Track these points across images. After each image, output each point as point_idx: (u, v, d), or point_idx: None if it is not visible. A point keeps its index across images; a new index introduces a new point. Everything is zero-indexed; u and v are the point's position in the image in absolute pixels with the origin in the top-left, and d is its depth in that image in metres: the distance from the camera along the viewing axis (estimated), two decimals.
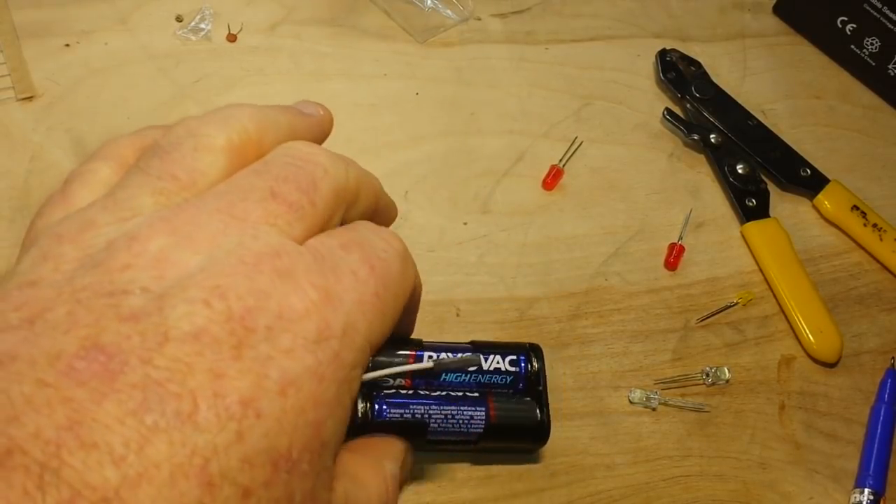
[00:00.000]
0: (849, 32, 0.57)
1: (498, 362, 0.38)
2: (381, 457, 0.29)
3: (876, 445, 0.44)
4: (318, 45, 0.51)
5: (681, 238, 0.49)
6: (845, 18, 0.57)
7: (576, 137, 0.51)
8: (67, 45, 0.48)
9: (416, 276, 0.28)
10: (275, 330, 0.22)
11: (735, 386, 0.45)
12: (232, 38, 0.50)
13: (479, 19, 0.55)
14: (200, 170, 0.24)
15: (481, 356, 0.36)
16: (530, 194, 0.49)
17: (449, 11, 0.54)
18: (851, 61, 0.58)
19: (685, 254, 0.48)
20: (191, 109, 0.47)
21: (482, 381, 0.38)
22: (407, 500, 0.38)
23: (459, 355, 0.35)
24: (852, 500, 0.43)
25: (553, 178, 0.49)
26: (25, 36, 0.47)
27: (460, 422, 0.37)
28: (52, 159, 0.45)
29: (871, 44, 0.57)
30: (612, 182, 0.50)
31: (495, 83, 0.52)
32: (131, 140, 0.27)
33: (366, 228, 0.27)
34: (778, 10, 0.60)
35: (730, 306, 0.47)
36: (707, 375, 0.44)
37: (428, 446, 0.38)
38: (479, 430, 0.37)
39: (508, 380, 0.38)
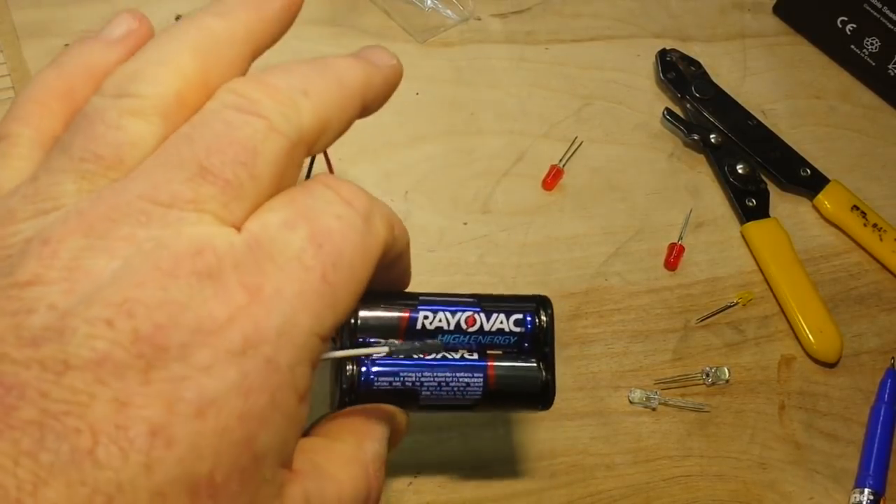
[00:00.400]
0: (849, 32, 0.57)
1: (501, 322, 0.34)
2: (361, 439, 0.27)
3: (876, 445, 0.44)
4: (318, 45, 0.51)
5: (681, 238, 0.49)
6: (845, 18, 0.57)
7: (576, 137, 0.51)
8: (67, 45, 0.48)
9: (394, 228, 0.25)
10: (190, 346, 0.20)
11: (735, 386, 0.45)
12: None
13: (479, 19, 0.55)
14: (129, 142, 0.22)
15: (442, 342, 0.32)
16: (530, 194, 0.49)
17: (449, 11, 0.54)
18: (851, 61, 0.58)
19: (685, 254, 0.48)
20: None
21: (482, 342, 0.34)
22: (407, 500, 0.38)
23: (419, 343, 0.31)
24: (852, 500, 0.43)
25: (553, 178, 0.49)
26: (25, 36, 0.47)
27: (455, 389, 0.34)
28: None
29: (871, 44, 0.57)
30: (612, 182, 0.50)
31: (495, 83, 0.52)
32: (55, 84, 0.24)
33: (319, 187, 0.23)
34: (778, 10, 0.60)
35: (730, 306, 0.47)
36: (707, 375, 0.44)
37: (419, 411, 0.34)
38: (476, 397, 0.34)
39: (512, 340, 0.34)
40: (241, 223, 0.22)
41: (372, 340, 0.34)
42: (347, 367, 0.33)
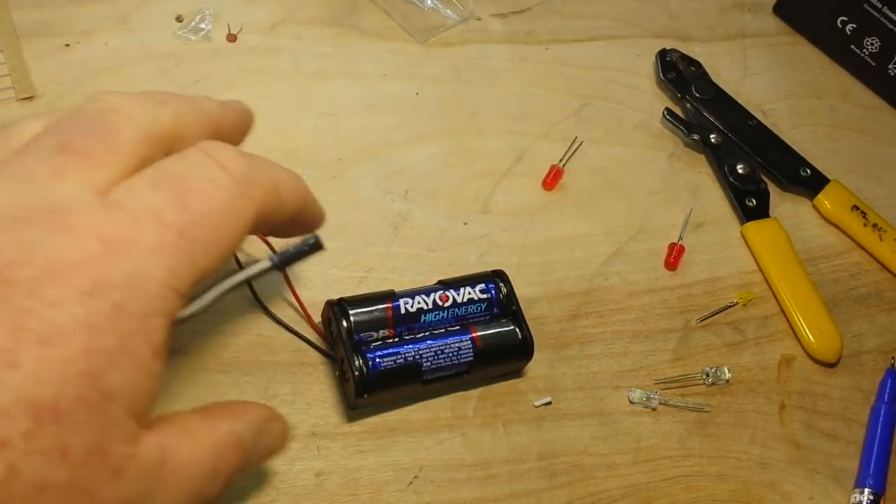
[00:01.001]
0: (849, 32, 0.57)
1: (469, 293, 0.41)
2: (224, 416, 0.28)
3: (876, 445, 0.44)
4: (318, 45, 0.51)
5: (681, 238, 0.49)
6: (845, 18, 0.57)
7: (576, 137, 0.51)
8: (67, 45, 0.48)
9: (279, 192, 0.27)
10: (40, 281, 0.21)
11: (735, 386, 0.45)
12: (232, 38, 0.50)
13: (479, 19, 0.55)
14: (20, 132, 0.25)
15: (320, 238, 0.32)
16: (530, 194, 0.49)
17: (449, 11, 0.54)
18: (851, 61, 0.58)
19: (685, 254, 0.48)
20: None
21: (459, 314, 0.40)
22: (407, 500, 0.38)
23: (299, 240, 0.32)
24: (852, 500, 0.43)
25: (553, 178, 0.49)
26: (25, 36, 0.47)
27: (450, 354, 0.39)
28: None
29: (871, 44, 0.57)
30: (612, 182, 0.50)
31: (495, 83, 0.52)
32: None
33: (196, 153, 0.26)
34: (778, 10, 0.60)
35: (730, 306, 0.47)
36: (707, 375, 0.44)
37: (425, 389, 0.40)
38: (469, 359, 0.39)
39: (483, 307, 0.41)
40: (105, 187, 0.24)
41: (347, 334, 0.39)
42: (354, 361, 0.37)
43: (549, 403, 0.42)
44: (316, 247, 0.32)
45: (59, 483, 0.21)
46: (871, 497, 0.42)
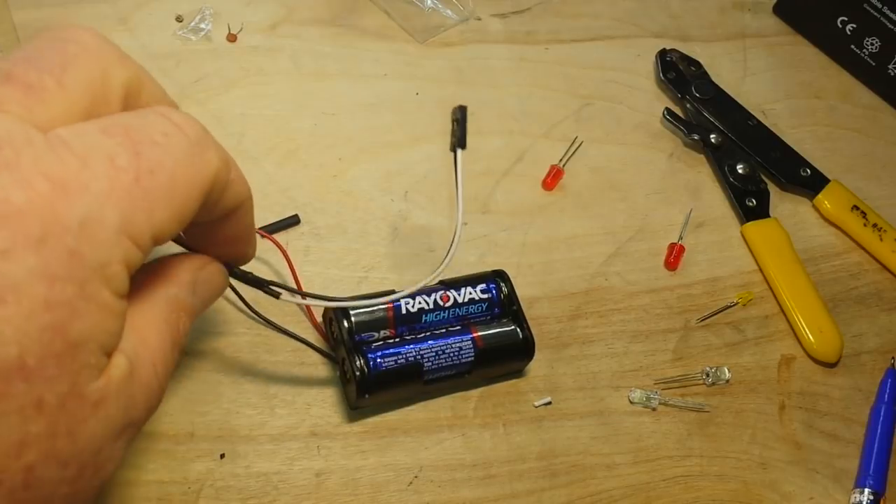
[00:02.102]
0: (849, 32, 0.57)
1: (470, 292, 0.41)
2: (158, 287, 0.27)
3: (876, 445, 0.44)
4: (318, 45, 0.51)
5: (681, 238, 0.49)
6: (845, 18, 0.57)
7: (576, 137, 0.51)
8: None
9: (230, 169, 0.26)
10: None
11: (735, 386, 0.45)
12: (232, 38, 0.50)
13: (479, 19, 0.55)
14: None
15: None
16: (530, 194, 0.49)
17: (449, 11, 0.54)
18: (851, 61, 0.58)
19: (685, 254, 0.48)
20: (191, 109, 0.47)
21: (460, 314, 0.40)
22: (407, 500, 0.38)
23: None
24: (852, 500, 0.43)
25: (553, 178, 0.49)
26: (25, 36, 0.47)
27: (451, 354, 0.39)
28: None
29: (871, 44, 0.57)
30: (612, 182, 0.50)
31: (495, 83, 0.52)
32: None
33: (151, 112, 0.24)
34: (778, 10, 0.60)
35: (730, 306, 0.47)
36: (707, 375, 0.44)
37: (426, 389, 0.40)
38: (470, 359, 0.39)
39: (484, 307, 0.41)
40: (49, 126, 0.22)
41: (363, 336, 0.39)
42: (355, 361, 0.37)
43: (549, 403, 0.42)
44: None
45: (40, 434, 0.21)
46: (871, 497, 0.42)
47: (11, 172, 0.20)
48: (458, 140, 0.37)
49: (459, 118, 0.37)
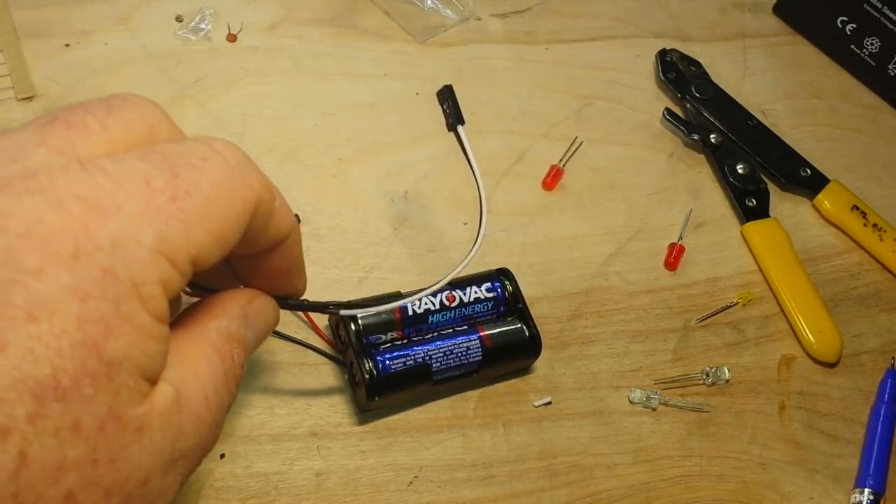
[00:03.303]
0: (849, 32, 0.57)
1: (476, 292, 0.41)
2: (209, 321, 0.27)
3: (876, 445, 0.44)
4: (318, 45, 0.51)
5: (681, 238, 0.49)
6: (845, 18, 0.57)
7: (576, 137, 0.51)
8: (67, 45, 0.48)
9: (275, 197, 0.26)
10: (18, 251, 0.20)
11: (735, 386, 0.45)
12: (232, 38, 0.50)
13: (479, 19, 0.55)
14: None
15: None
16: (530, 194, 0.49)
17: (449, 11, 0.54)
18: (851, 61, 0.58)
19: (685, 254, 0.48)
20: (191, 109, 0.47)
21: (466, 313, 0.40)
22: (407, 500, 0.38)
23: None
24: (852, 500, 0.43)
25: (553, 178, 0.49)
26: (25, 36, 0.47)
27: (459, 354, 0.39)
28: None
29: (871, 44, 0.57)
30: (612, 182, 0.50)
31: (495, 83, 0.52)
32: None
33: (191, 140, 0.24)
34: (778, 10, 0.60)
35: (730, 306, 0.47)
36: (707, 375, 0.44)
37: (435, 389, 0.40)
38: (478, 358, 0.39)
39: (489, 306, 0.41)
40: (90, 160, 0.22)
41: (371, 338, 0.39)
42: (364, 364, 0.37)
43: (549, 403, 0.42)
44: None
45: (79, 459, 0.20)
46: (871, 497, 0.42)
47: (45, 195, 0.21)
48: (454, 118, 0.37)
49: (448, 98, 0.37)
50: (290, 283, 0.30)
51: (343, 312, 0.33)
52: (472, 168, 0.37)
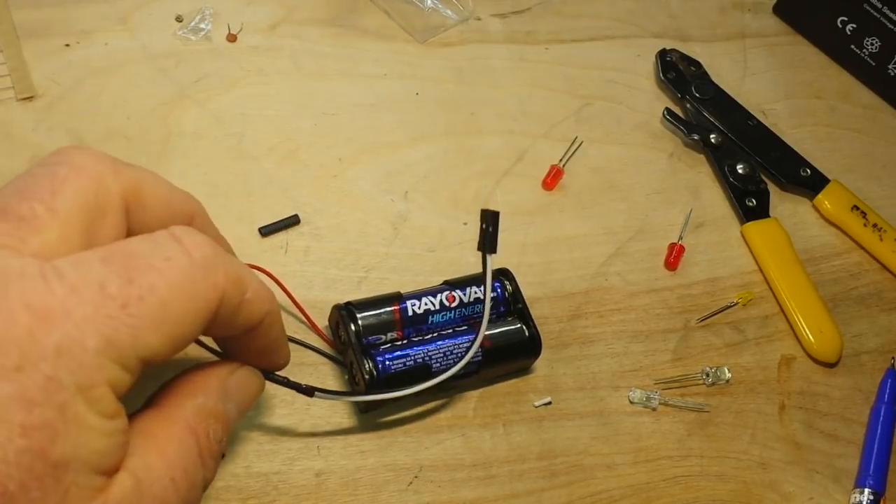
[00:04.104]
0: (849, 32, 0.57)
1: (476, 292, 0.40)
2: (185, 398, 0.27)
3: (876, 445, 0.44)
4: (318, 45, 0.51)
5: (681, 238, 0.49)
6: (845, 18, 0.57)
7: (576, 137, 0.51)
8: (67, 45, 0.48)
9: (245, 289, 0.26)
10: None
11: (735, 386, 0.45)
12: (232, 38, 0.50)
13: (479, 19, 0.55)
14: None
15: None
16: (530, 194, 0.49)
17: (449, 11, 0.54)
18: (851, 61, 0.58)
19: (685, 254, 0.48)
20: (191, 109, 0.47)
21: (466, 314, 0.40)
22: (407, 500, 0.38)
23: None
24: (852, 500, 0.43)
25: (553, 178, 0.49)
26: (25, 36, 0.47)
27: (459, 355, 0.38)
28: None
29: (871, 44, 0.57)
30: (612, 182, 0.50)
31: (495, 83, 0.52)
32: None
33: (161, 235, 0.25)
34: (778, 10, 0.60)
35: (730, 306, 0.47)
36: (707, 375, 0.44)
37: (435, 390, 0.38)
38: (478, 359, 0.39)
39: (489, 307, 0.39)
40: (46, 252, 0.23)
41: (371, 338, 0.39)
42: (364, 365, 0.37)
43: (549, 403, 0.42)
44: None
45: None
46: (871, 497, 0.42)
47: None
48: (488, 245, 0.36)
49: (490, 222, 0.36)
50: (269, 360, 0.31)
51: (318, 395, 0.34)
52: (484, 296, 0.37)
